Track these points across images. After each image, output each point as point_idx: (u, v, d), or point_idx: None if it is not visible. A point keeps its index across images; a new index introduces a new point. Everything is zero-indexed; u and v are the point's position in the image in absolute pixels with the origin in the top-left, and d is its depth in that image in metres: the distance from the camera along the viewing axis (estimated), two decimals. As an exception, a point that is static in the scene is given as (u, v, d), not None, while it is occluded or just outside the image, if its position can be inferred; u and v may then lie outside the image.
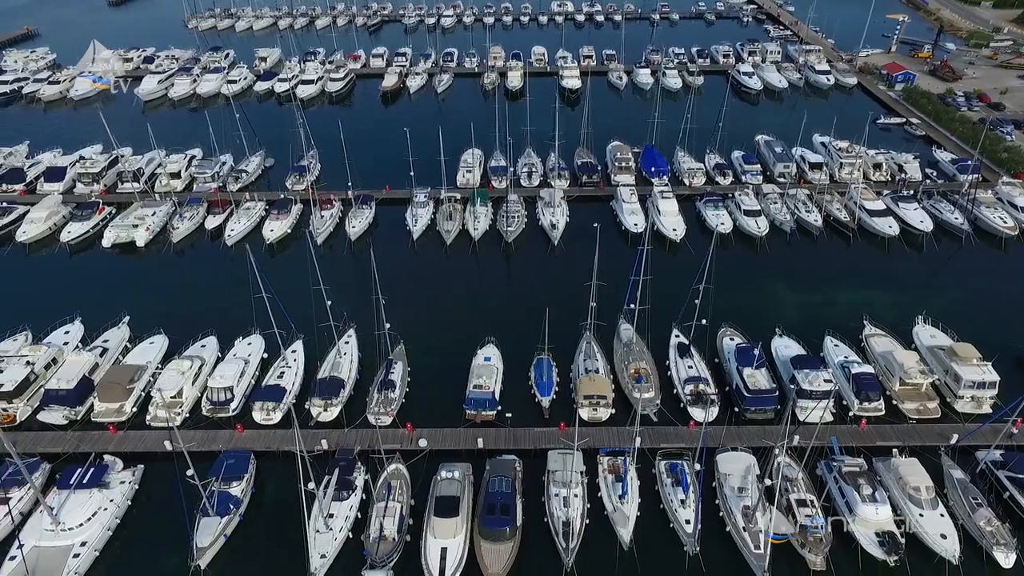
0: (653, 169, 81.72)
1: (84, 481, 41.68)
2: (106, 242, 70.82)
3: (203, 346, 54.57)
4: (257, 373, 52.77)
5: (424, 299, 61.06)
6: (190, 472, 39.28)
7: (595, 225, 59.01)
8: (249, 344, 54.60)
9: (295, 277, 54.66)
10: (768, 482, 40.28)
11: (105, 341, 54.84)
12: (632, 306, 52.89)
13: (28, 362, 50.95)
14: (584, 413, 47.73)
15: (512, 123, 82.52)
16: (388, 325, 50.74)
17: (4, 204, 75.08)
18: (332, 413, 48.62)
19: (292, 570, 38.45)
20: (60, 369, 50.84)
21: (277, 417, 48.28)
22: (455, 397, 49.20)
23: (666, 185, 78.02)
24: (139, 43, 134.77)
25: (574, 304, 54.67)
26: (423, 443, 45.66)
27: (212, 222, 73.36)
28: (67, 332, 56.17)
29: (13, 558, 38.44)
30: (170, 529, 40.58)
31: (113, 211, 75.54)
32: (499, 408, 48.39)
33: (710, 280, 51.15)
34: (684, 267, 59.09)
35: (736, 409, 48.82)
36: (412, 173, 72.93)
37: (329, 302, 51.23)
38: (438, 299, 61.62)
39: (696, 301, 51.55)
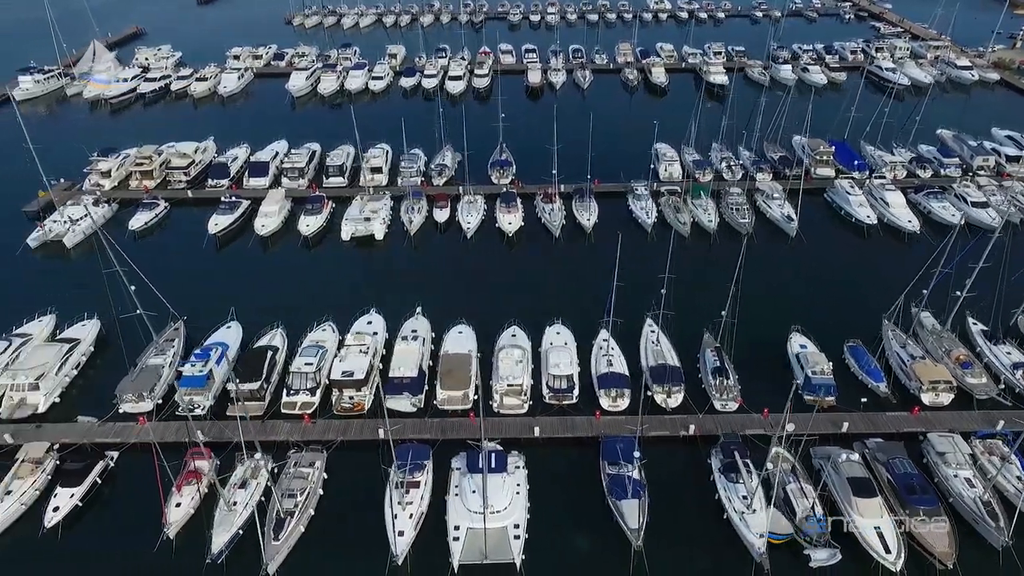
0: (856, 163, 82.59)
1: (493, 466, 42.40)
2: (344, 235, 71.50)
3: (513, 335, 55.31)
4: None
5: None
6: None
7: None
8: (558, 333, 55.47)
9: (535, 265, 61.99)
10: None
11: (414, 331, 55.49)
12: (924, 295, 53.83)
13: (363, 351, 51.72)
14: (926, 398, 48.74)
15: (662, 118, 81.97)
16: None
17: (232, 199, 75.68)
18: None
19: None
20: (398, 358, 51.52)
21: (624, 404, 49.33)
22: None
23: (882, 178, 78.92)
24: (241, 41, 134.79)
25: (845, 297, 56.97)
26: (790, 427, 46.41)
27: (440, 215, 74.10)
28: (370, 323, 56.89)
29: (457, 539, 39.33)
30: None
31: (334, 205, 76.30)
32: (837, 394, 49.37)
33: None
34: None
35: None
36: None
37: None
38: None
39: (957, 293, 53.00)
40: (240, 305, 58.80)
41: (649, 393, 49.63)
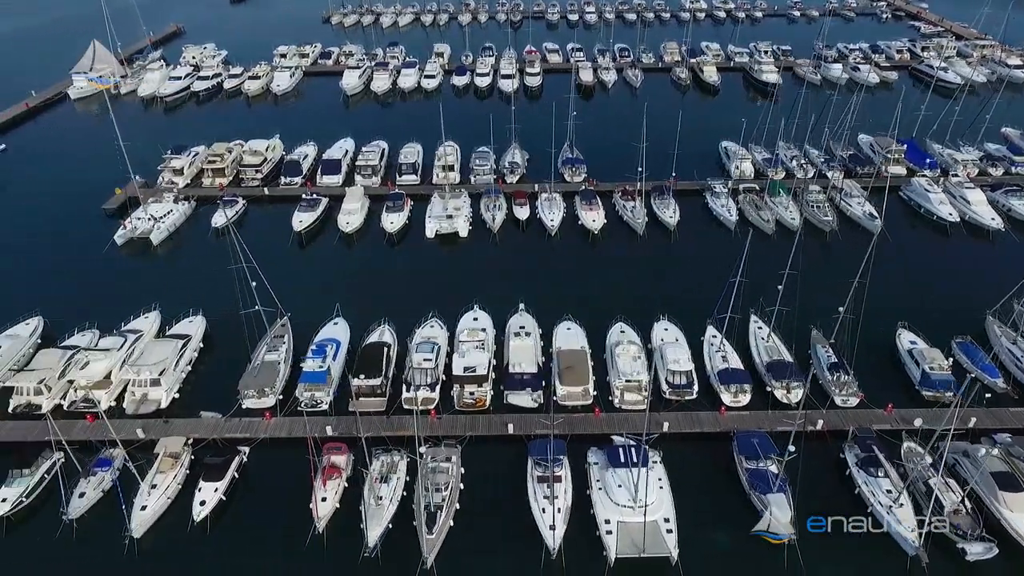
0: (927, 161, 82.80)
1: (635, 460, 42.61)
2: (429, 232, 71.70)
3: (622, 331, 55.52)
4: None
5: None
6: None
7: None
8: (666, 329, 55.73)
9: (624, 263, 64.37)
10: None
11: (521, 327, 55.60)
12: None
13: (480, 346, 51.95)
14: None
15: (718, 117, 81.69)
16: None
17: (313, 196, 75.89)
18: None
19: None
20: (515, 354, 51.73)
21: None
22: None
23: (957, 176, 79.16)
24: (281, 40, 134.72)
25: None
26: (918, 422, 46.67)
27: (521, 212, 74.24)
28: (476, 320, 57.02)
29: (610, 532, 39.59)
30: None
31: (412, 202, 76.48)
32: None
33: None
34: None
35: None
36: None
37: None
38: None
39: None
40: (340, 301, 59.05)
41: (769, 389, 49.93)
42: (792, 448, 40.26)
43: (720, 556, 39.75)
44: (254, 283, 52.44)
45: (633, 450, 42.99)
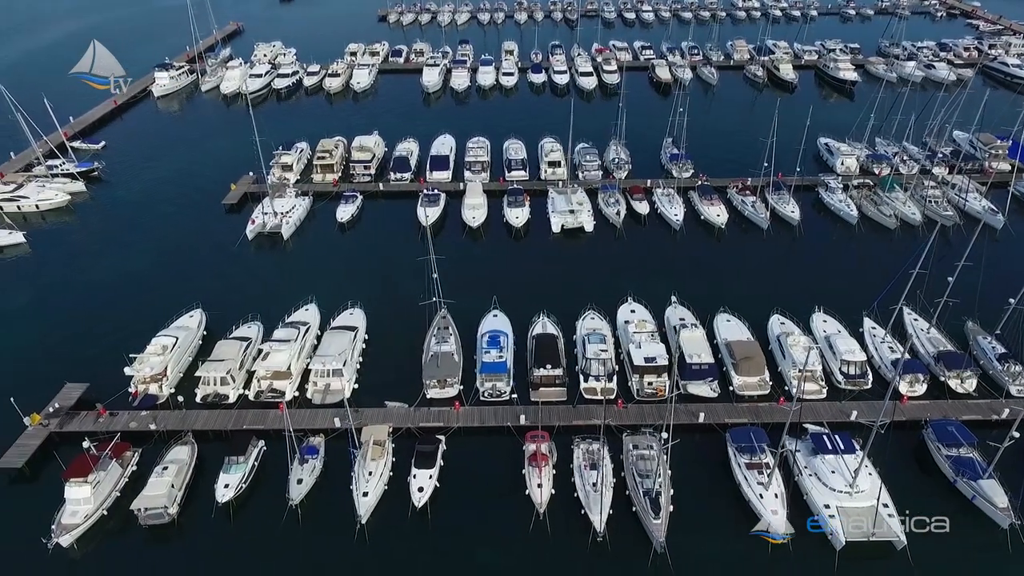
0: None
1: (842, 447, 43.38)
2: (554, 227, 72.44)
3: (782, 323, 56.29)
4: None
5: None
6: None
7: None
8: (825, 321, 56.49)
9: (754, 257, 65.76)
10: None
11: (682, 319, 56.30)
12: None
13: (654, 337, 52.73)
14: None
15: (798, 113, 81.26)
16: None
17: (435, 191, 76.64)
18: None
19: None
20: (688, 344, 52.41)
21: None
22: None
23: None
24: (340, 38, 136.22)
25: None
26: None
27: (640, 207, 74.97)
28: (633, 311, 57.76)
29: (832, 516, 40.37)
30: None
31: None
32: None
33: None
34: None
35: None
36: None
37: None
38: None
39: None
40: (492, 294, 59.72)
41: (943, 379, 50.71)
42: (1016, 434, 40.89)
43: (942, 540, 40.35)
44: (435, 275, 53.13)
45: (838, 437, 43.82)
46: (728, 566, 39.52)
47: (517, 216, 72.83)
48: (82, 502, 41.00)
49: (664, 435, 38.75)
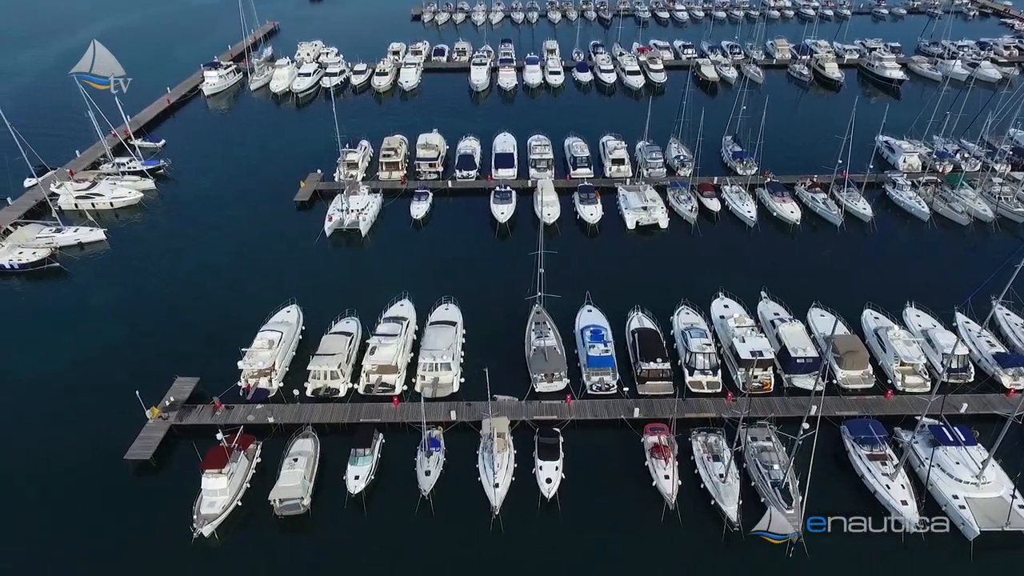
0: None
1: (962, 439, 43.87)
2: (629, 224, 72.94)
3: (876, 317, 56.82)
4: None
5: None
6: None
7: None
8: (918, 316, 57.09)
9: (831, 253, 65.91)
10: None
11: (775, 314, 56.92)
12: None
13: (755, 331, 53.26)
14: None
15: (846, 111, 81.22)
16: None
17: (506, 188, 77.13)
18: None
19: None
20: (791, 339, 52.96)
21: None
22: None
23: None
24: (376, 37, 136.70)
25: None
26: None
27: (712, 204, 75.50)
28: (726, 307, 58.35)
29: (963, 507, 40.84)
30: None
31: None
32: None
33: None
34: None
35: None
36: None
37: None
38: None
39: None
40: (580, 288, 60.21)
41: None
42: None
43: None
44: (541, 270, 53.66)
45: (958, 429, 44.31)
46: (862, 554, 40.03)
47: (591, 213, 73.36)
48: (219, 493, 41.54)
49: (806, 425, 39.09)
